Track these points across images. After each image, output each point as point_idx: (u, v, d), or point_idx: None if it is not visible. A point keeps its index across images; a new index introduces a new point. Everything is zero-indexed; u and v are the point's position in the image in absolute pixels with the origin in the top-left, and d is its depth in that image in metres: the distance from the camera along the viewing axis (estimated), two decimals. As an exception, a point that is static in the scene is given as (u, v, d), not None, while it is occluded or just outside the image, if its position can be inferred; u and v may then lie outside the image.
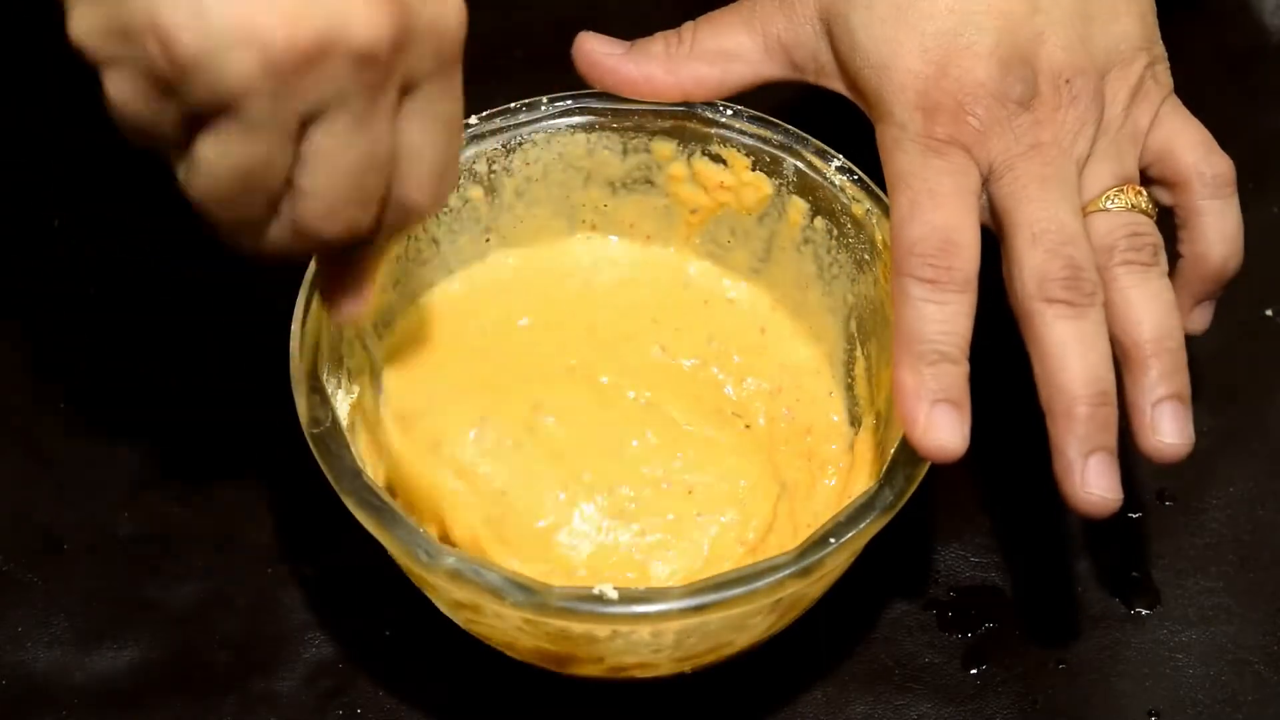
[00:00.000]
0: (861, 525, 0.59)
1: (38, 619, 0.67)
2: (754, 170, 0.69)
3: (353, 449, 0.61)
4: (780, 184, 0.69)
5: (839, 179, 0.68)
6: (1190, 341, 0.73)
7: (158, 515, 0.70)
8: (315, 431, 0.61)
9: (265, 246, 0.56)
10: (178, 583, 0.68)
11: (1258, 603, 0.68)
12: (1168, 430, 0.61)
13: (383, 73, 0.53)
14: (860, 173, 0.68)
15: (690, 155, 0.70)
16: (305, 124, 0.53)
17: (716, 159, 0.70)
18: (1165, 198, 0.65)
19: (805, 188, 0.69)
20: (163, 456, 0.71)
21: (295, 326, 0.63)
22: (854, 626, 0.67)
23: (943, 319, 0.61)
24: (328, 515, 0.63)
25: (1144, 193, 0.64)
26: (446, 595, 0.61)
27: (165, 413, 0.72)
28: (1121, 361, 0.62)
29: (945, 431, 0.60)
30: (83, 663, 0.66)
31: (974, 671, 0.66)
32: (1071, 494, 0.60)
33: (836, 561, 0.59)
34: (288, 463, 0.70)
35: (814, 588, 0.62)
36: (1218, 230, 0.65)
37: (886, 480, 0.60)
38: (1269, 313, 0.76)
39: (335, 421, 0.61)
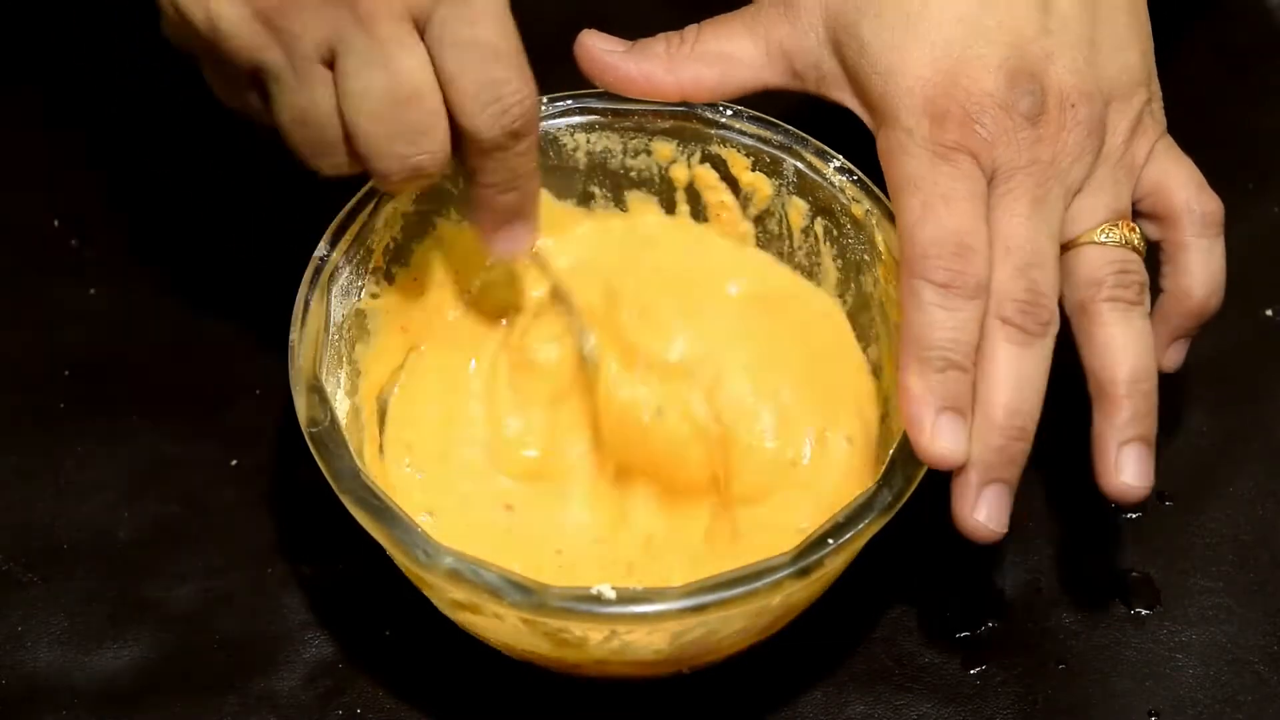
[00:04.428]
0: (860, 526, 0.59)
1: (38, 619, 0.67)
2: (754, 170, 0.69)
3: (351, 448, 0.61)
4: (780, 184, 0.69)
5: (839, 179, 0.68)
6: (1191, 342, 0.73)
7: (158, 515, 0.70)
8: (314, 431, 0.61)
9: (386, 185, 0.62)
10: (178, 583, 0.68)
11: (1258, 603, 0.68)
12: (1131, 472, 0.62)
13: (374, 6, 0.57)
14: (860, 173, 0.68)
15: (690, 156, 0.70)
16: (329, 66, 0.58)
17: (717, 160, 0.70)
18: (1153, 232, 0.66)
19: (805, 188, 0.69)
20: (163, 456, 0.71)
21: (295, 326, 0.64)
22: (854, 626, 0.67)
23: (953, 325, 0.61)
24: (328, 515, 0.63)
25: (1137, 230, 0.64)
26: (445, 595, 0.61)
27: (165, 413, 0.72)
28: (1094, 397, 0.62)
29: (949, 440, 0.60)
30: (83, 663, 0.66)
31: (974, 671, 0.66)
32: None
33: (835, 562, 0.59)
34: (288, 463, 0.70)
35: (812, 588, 0.62)
36: (1203, 267, 0.65)
37: (885, 481, 0.60)
38: (1269, 313, 0.76)
39: (334, 421, 0.61)
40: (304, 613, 0.68)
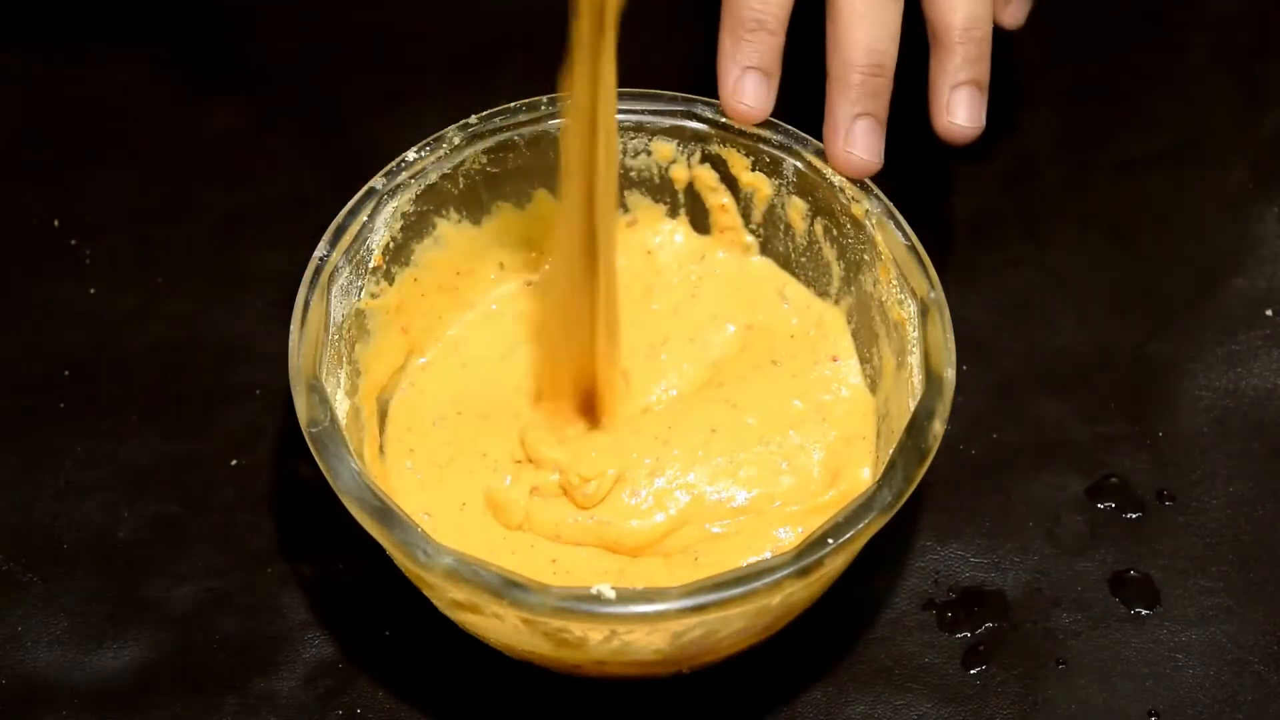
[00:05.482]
0: (859, 526, 0.59)
1: (38, 619, 0.67)
2: (754, 171, 0.69)
3: (351, 448, 0.61)
4: (780, 184, 0.69)
5: (839, 179, 0.68)
6: (1191, 340, 0.73)
7: (158, 515, 0.70)
8: (314, 431, 0.61)
9: None
10: (178, 583, 0.68)
11: (1258, 603, 0.68)
12: (962, 113, 0.65)
13: None
14: (859, 173, 0.68)
15: (690, 156, 0.70)
16: None
17: (717, 160, 0.70)
18: None
19: (805, 188, 0.69)
20: (163, 456, 0.71)
21: (295, 326, 0.64)
22: (854, 626, 0.67)
23: None
24: (328, 515, 0.63)
25: None
26: (445, 595, 0.61)
27: (165, 413, 0.73)
28: (931, 44, 0.65)
29: (751, 97, 0.65)
30: (83, 663, 0.66)
31: (974, 671, 0.66)
32: (833, 154, 0.65)
33: (835, 562, 0.59)
34: (288, 463, 0.70)
35: (812, 588, 0.62)
36: None
37: (885, 480, 0.60)
38: (1269, 313, 0.76)
39: (334, 421, 0.61)
40: (304, 613, 0.68)
